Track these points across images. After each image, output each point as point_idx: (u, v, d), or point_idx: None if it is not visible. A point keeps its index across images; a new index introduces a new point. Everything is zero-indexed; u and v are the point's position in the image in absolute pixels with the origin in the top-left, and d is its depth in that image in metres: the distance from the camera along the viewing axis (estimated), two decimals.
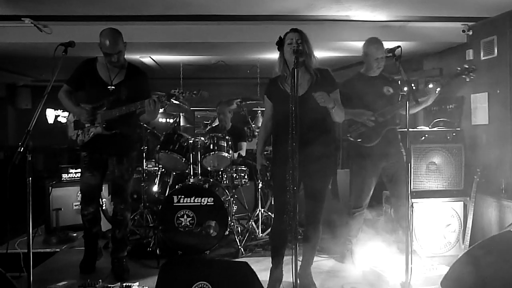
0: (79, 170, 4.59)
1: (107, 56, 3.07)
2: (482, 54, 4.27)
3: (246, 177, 4.29)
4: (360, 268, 3.43)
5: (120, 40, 3.09)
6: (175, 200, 3.73)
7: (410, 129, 2.69)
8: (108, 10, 3.94)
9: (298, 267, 2.42)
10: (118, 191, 3.32)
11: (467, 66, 3.39)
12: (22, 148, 2.22)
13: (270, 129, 2.90)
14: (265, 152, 4.31)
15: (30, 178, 2.30)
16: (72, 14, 4.03)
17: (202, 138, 4.11)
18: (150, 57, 5.68)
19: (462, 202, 3.79)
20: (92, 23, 4.15)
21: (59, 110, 8.53)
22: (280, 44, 2.67)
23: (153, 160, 4.71)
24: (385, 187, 4.05)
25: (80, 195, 3.35)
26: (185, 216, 3.72)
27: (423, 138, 3.80)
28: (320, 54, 5.17)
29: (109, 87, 3.15)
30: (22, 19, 4.00)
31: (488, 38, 4.16)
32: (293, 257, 2.34)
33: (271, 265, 2.99)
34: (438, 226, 3.77)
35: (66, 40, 2.71)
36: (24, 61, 5.78)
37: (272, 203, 4.11)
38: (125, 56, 3.24)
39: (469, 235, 3.55)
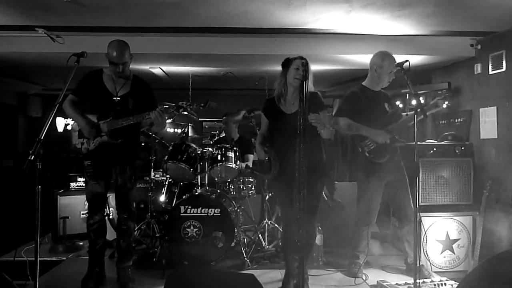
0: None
1: (113, 67, 3.12)
2: (490, 68, 4.26)
3: (253, 188, 4.29)
4: (367, 283, 3.39)
5: (127, 51, 3.14)
6: (182, 211, 3.74)
7: (418, 143, 2.70)
8: (120, 21, 4.00)
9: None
10: (121, 200, 3.33)
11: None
12: (33, 156, 2.25)
13: (267, 137, 3.16)
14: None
15: (40, 187, 2.32)
16: (84, 25, 4.10)
17: (210, 149, 4.12)
18: (160, 67, 5.75)
19: (471, 217, 3.75)
20: (104, 34, 4.21)
21: (68, 118, 8.62)
22: (285, 65, 2.92)
23: (161, 170, 4.73)
24: None
25: (87, 204, 3.36)
26: (191, 227, 3.72)
27: (432, 151, 3.78)
28: (327, 67, 5.26)
29: (114, 98, 3.19)
30: (36, 29, 4.08)
31: (497, 52, 4.17)
32: (301, 268, 2.33)
33: (280, 277, 3.00)
34: (447, 241, 3.73)
35: (78, 50, 2.76)
36: (36, 70, 5.87)
37: (279, 214, 4.15)
38: (136, 67, 3.29)
39: (478, 250, 3.50)
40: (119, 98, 3.19)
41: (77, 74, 2.73)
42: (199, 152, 4.06)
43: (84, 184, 4.62)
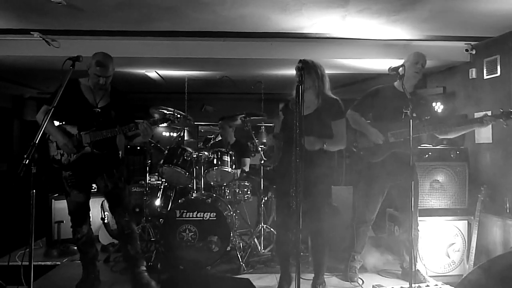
0: None
1: (95, 79, 3.08)
2: (485, 73, 4.29)
3: (249, 192, 4.28)
4: (363, 287, 3.39)
5: (111, 65, 3.13)
6: (178, 215, 3.72)
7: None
8: (115, 25, 4.00)
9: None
10: (117, 202, 3.28)
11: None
12: (27, 161, 2.23)
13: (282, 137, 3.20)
14: (268, 168, 4.34)
15: (34, 191, 2.31)
16: (80, 29, 4.09)
17: (206, 153, 4.11)
18: (155, 71, 5.74)
19: (466, 221, 3.76)
20: (100, 38, 4.21)
21: (63, 122, 8.58)
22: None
23: (156, 174, 4.71)
24: (388, 205, 4.03)
25: (70, 217, 3.25)
26: (187, 231, 3.71)
27: (427, 156, 3.79)
28: None
29: (95, 109, 3.16)
30: (31, 33, 4.07)
31: (491, 57, 4.19)
32: (296, 274, 2.32)
33: (275, 281, 2.99)
34: (442, 245, 3.73)
35: (73, 54, 2.74)
36: (31, 74, 5.85)
37: (275, 218, 4.14)
38: (132, 71, 3.27)
39: (473, 254, 3.51)
40: (99, 110, 3.17)
41: (72, 78, 2.72)
42: (194, 156, 4.05)
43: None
